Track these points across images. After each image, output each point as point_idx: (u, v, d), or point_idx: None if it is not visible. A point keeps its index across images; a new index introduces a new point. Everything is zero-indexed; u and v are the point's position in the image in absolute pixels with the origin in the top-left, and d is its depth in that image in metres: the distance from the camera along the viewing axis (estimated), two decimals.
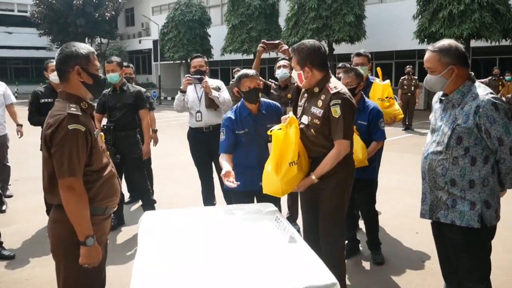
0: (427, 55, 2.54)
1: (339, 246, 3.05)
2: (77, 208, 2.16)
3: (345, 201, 3.05)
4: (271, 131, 2.96)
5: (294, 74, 3.00)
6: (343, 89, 2.89)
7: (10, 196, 6.13)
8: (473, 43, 15.83)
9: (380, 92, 4.50)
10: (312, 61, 2.90)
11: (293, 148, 2.83)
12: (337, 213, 2.99)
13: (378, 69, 4.83)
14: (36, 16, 33.48)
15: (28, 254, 4.30)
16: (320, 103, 2.89)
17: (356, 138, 3.68)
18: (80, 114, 2.20)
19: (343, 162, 2.92)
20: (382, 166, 4.75)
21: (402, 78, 12.87)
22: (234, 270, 2.02)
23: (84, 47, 2.30)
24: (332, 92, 2.83)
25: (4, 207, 5.58)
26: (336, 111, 2.80)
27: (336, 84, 2.90)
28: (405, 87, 12.59)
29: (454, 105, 2.50)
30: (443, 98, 2.58)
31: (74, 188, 2.14)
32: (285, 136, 2.86)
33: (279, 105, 3.62)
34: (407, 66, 13.19)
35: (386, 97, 4.48)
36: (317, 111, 2.89)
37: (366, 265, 4.01)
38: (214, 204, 5.10)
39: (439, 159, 2.51)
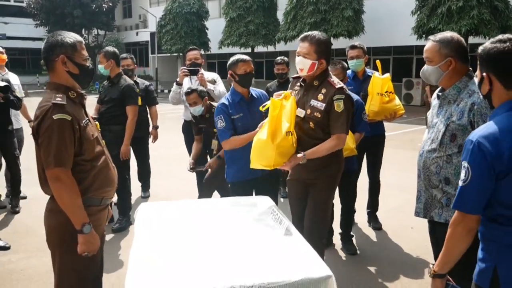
0: (427, 44, 2.49)
1: (322, 237, 3.13)
2: (68, 197, 2.16)
3: (334, 194, 3.18)
4: (263, 106, 2.97)
5: (304, 61, 2.93)
6: (344, 85, 2.96)
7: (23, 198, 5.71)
8: (471, 40, 15.82)
9: (379, 86, 4.37)
10: (328, 55, 2.95)
11: (290, 118, 2.81)
12: (326, 205, 3.09)
13: (377, 62, 4.66)
14: (32, 6, 33.22)
15: (24, 245, 4.30)
16: (321, 96, 2.92)
17: None
18: (65, 103, 2.17)
19: (336, 155, 2.98)
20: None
21: None
22: (230, 262, 2.03)
23: (70, 36, 2.26)
24: (337, 87, 2.89)
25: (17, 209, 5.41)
26: (339, 106, 2.86)
27: (338, 80, 2.98)
28: None
29: (450, 101, 2.46)
30: (440, 94, 2.54)
31: (61, 179, 2.13)
32: (281, 106, 2.84)
33: (265, 92, 3.72)
34: None
35: (386, 92, 4.34)
36: (319, 104, 2.92)
37: (361, 259, 4.04)
38: (210, 196, 5.10)
39: (433, 157, 2.46)
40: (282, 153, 2.81)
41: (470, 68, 2.49)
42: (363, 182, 4.67)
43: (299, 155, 2.88)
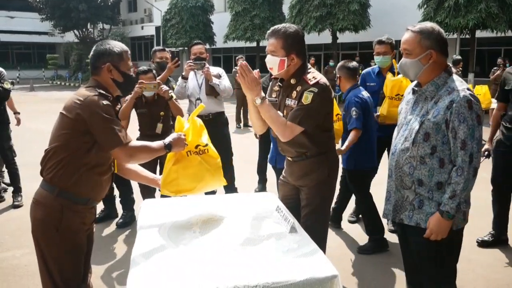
0: (406, 35, 2.32)
1: (320, 246, 2.77)
2: (146, 156, 2.39)
3: (330, 198, 2.87)
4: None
5: (273, 59, 2.64)
6: (322, 79, 2.64)
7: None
8: (478, 34, 15.67)
9: (389, 89, 4.11)
10: (299, 48, 2.65)
11: (191, 135, 2.57)
12: (319, 212, 2.78)
13: (394, 61, 4.28)
14: (38, 0, 33.27)
15: (28, 241, 4.25)
16: (295, 94, 2.64)
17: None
18: (110, 96, 2.33)
19: (324, 159, 2.73)
20: (383, 159, 4.68)
21: (494, 68, 12.86)
22: (234, 261, 2.00)
23: (118, 46, 2.38)
24: (311, 83, 2.58)
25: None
26: (307, 97, 2.54)
27: (314, 75, 2.65)
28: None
29: (426, 98, 2.32)
30: (416, 88, 2.38)
31: (132, 153, 2.30)
32: (192, 123, 2.63)
33: None
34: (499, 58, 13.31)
35: (397, 95, 4.05)
36: (292, 102, 2.64)
37: (367, 257, 4.00)
38: (214, 193, 5.08)
39: (406, 156, 2.33)
40: (189, 175, 2.51)
41: (449, 64, 2.38)
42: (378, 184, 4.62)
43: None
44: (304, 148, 2.71)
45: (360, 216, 4.57)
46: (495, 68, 13.00)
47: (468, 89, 2.25)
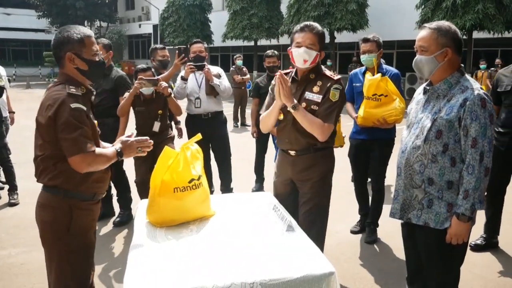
0: (422, 32, 2.32)
1: (318, 242, 2.61)
2: (103, 164, 2.22)
3: (330, 192, 2.94)
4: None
5: (310, 52, 2.74)
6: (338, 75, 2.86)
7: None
8: (475, 35, 15.70)
9: (366, 88, 3.90)
10: (324, 46, 2.86)
11: (182, 166, 2.39)
12: (322, 206, 2.86)
13: (374, 60, 4.04)
14: None
15: (23, 239, 4.28)
16: (317, 88, 2.78)
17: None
18: (80, 94, 2.19)
19: (330, 152, 2.86)
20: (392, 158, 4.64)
21: (491, 69, 12.98)
22: (231, 259, 2.00)
23: (78, 32, 2.21)
24: (335, 78, 2.78)
25: None
26: (335, 95, 2.73)
27: (330, 72, 2.86)
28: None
29: (439, 96, 2.33)
30: (428, 87, 2.39)
31: (90, 162, 2.14)
32: (182, 152, 2.44)
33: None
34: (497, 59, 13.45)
35: (374, 95, 3.85)
36: (315, 96, 2.76)
37: (364, 255, 4.01)
38: (212, 192, 5.09)
39: (417, 154, 2.33)
40: (169, 213, 2.37)
41: (462, 64, 2.38)
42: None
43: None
44: (315, 139, 2.76)
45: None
46: (492, 68, 13.06)
47: (481, 88, 2.27)
